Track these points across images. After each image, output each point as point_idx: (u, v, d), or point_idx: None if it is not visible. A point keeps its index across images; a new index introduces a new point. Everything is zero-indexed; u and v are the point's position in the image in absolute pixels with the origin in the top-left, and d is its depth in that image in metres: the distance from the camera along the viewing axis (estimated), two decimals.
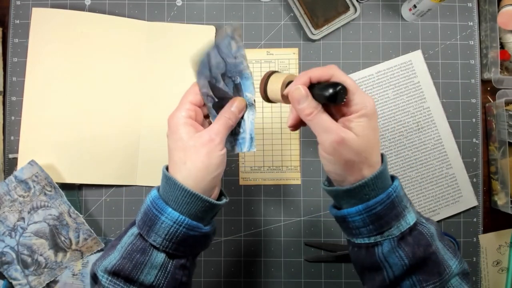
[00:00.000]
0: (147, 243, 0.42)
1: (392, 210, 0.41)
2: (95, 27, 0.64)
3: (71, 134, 0.64)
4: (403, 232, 0.41)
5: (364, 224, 0.42)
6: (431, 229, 0.43)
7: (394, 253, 0.41)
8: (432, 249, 0.42)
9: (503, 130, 0.63)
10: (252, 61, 0.66)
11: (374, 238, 0.42)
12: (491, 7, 0.64)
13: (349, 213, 0.42)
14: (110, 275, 0.41)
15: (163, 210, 0.41)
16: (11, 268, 0.61)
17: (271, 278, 0.64)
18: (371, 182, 0.41)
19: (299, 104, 0.41)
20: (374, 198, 0.41)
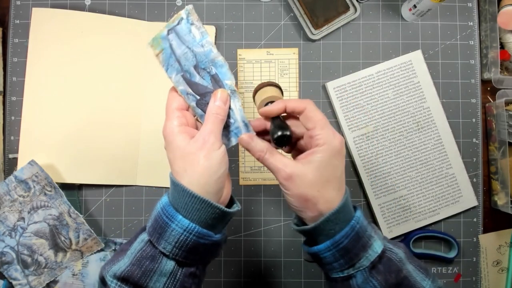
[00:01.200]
0: (156, 250, 0.41)
1: (358, 241, 0.42)
2: (95, 27, 0.64)
3: (71, 134, 0.64)
4: (373, 261, 0.42)
5: (335, 259, 0.43)
6: (399, 254, 0.44)
7: (368, 284, 0.42)
8: (403, 274, 0.43)
9: (503, 130, 0.63)
10: (252, 61, 0.66)
11: (347, 272, 0.43)
12: (491, 7, 0.64)
13: (319, 249, 0.43)
14: (119, 280, 0.41)
15: (173, 218, 0.41)
16: (11, 268, 0.61)
17: (271, 278, 0.64)
18: (332, 217, 0.42)
19: (248, 149, 0.45)
20: (339, 232, 0.42)
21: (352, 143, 0.65)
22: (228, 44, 0.66)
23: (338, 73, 0.66)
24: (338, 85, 0.65)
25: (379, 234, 0.45)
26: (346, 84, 0.65)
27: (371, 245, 0.43)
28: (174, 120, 0.44)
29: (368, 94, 0.65)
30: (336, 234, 0.42)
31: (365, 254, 0.42)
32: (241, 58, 0.66)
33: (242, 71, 0.66)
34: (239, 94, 0.46)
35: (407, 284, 0.43)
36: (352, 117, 0.65)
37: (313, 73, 0.66)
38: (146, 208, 0.65)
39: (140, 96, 0.65)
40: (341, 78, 0.65)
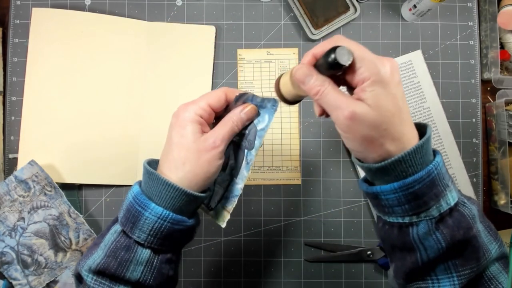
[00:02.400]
0: (131, 240, 0.41)
1: (431, 189, 0.37)
2: (95, 27, 0.64)
3: (71, 134, 0.64)
4: (443, 213, 0.38)
5: (399, 203, 0.38)
6: (473, 210, 0.39)
7: (431, 236, 0.38)
8: (473, 233, 0.38)
9: (503, 130, 0.63)
10: (252, 61, 0.66)
11: (409, 218, 0.38)
12: (491, 7, 0.64)
13: (383, 190, 0.38)
14: (95, 274, 0.40)
15: (146, 206, 0.40)
16: (11, 268, 0.61)
17: (271, 278, 0.64)
18: (408, 157, 0.36)
19: (304, 84, 0.38)
20: (412, 176, 0.36)
21: None
22: (228, 44, 0.66)
23: None
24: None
25: (455, 185, 0.40)
26: None
27: (445, 195, 0.38)
28: (196, 107, 0.42)
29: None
30: (408, 176, 0.37)
31: (436, 204, 0.37)
32: (241, 58, 0.66)
33: (242, 71, 0.66)
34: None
35: (474, 244, 0.38)
36: None
37: None
38: None
39: (140, 96, 0.65)
40: None
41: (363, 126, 0.36)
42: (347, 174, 0.65)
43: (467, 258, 0.38)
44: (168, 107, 0.65)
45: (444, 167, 0.39)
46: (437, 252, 0.38)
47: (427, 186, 0.37)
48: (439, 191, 0.37)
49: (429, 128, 0.38)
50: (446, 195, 0.38)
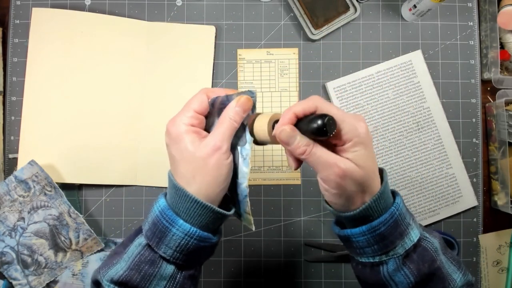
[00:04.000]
0: (156, 255, 0.40)
1: (396, 229, 0.40)
2: (95, 27, 0.64)
3: (71, 134, 0.64)
4: (408, 250, 0.41)
5: (369, 244, 0.41)
6: (435, 243, 0.42)
7: (399, 272, 0.41)
8: (437, 264, 0.41)
9: (503, 130, 0.63)
10: (252, 61, 0.66)
11: (379, 258, 0.41)
12: (491, 7, 0.64)
13: (353, 233, 0.41)
14: (117, 285, 0.40)
15: (174, 222, 0.40)
16: (11, 268, 0.61)
17: (271, 278, 0.64)
18: (373, 204, 0.40)
19: (289, 145, 0.39)
20: (378, 219, 0.40)
21: None
22: (228, 44, 0.66)
23: (338, 73, 0.66)
24: (338, 85, 0.65)
25: (416, 222, 0.43)
26: (346, 84, 0.65)
27: (408, 233, 0.41)
28: (184, 118, 0.41)
29: (368, 94, 0.65)
30: (374, 220, 0.40)
31: (401, 242, 0.41)
32: (241, 58, 0.66)
33: (242, 71, 0.66)
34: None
35: (439, 275, 0.41)
36: None
37: (313, 73, 0.66)
38: (146, 208, 0.65)
39: (140, 96, 0.65)
40: (341, 78, 0.65)
41: (351, 183, 0.38)
42: None
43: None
44: (168, 107, 0.65)
45: (404, 207, 0.42)
46: (407, 286, 0.41)
47: (392, 226, 0.40)
48: (402, 230, 0.41)
49: (385, 173, 0.42)
50: (409, 233, 0.41)
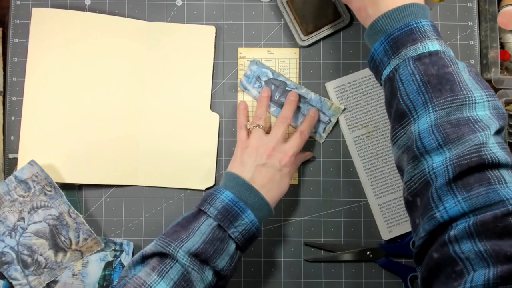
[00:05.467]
0: (226, 234, 0.49)
1: (409, 35, 0.43)
2: (95, 27, 0.64)
3: (71, 134, 0.64)
4: (421, 54, 0.42)
5: (385, 52, 0.45)
6: (459, 63, 0.43)
7: (407, 70, 0.42)
8: (449, 70, 0.41)
9: None
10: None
11: (393, 63, 0.44)
12: (491, 7, 0.64)
13: (375, 48, 0.46)
14: (191, 256, 0.47)
15: (244, 210, 0.50)
16: (11, 268, 0.61)
17: (271, 278, 0.64)
18: (390, 13, 0.45)
19: None
20: (393, 27, 0.44)
21: (352, 143, 0.65)
22: (228, 44, 0.66)
23: (338, 73, 0.66)
24: (338, 85, 0.65)
25: (444, 46, 0.44)
26: (346, 84, 0.65)
27: (423, 42, 0.43)
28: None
29: (368, 94, 0.65)
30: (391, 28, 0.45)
31: (413, 45, 0.43)
32: (242, 57, 0.66)
33: (242, 69, 0.66)
34: None
35: (449, 78, 0.40)
36: (352, 117, 0.65)
37: (313, 73, 0.66)
38: (146, 208, 0.65)
39: (140, 95, 0.65)
40: (341, 78, 0.65)
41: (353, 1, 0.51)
42: (347, 174, 0.65)
43: (442, 89, 0.40)
44: (168, 106, 0.65)
45: (431, 29, 0.44)
46: (413, 85, 0.42)
47: (405, 33, 0.44)
48: (417, 37, 0.43)
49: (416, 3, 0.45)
50: (425, 42, 0.43)
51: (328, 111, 0.63)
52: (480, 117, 0.39)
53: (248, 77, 0.64)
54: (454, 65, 0.42)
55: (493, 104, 0.40)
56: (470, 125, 0.38)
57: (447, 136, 0.38)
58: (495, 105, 0.41)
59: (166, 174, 0.64)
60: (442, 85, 0.40)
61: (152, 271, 0.45)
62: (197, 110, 0.65)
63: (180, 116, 0.65)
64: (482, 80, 0.42)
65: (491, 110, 0.40)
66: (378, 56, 0.46)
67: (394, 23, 0.45)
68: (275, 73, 0.64)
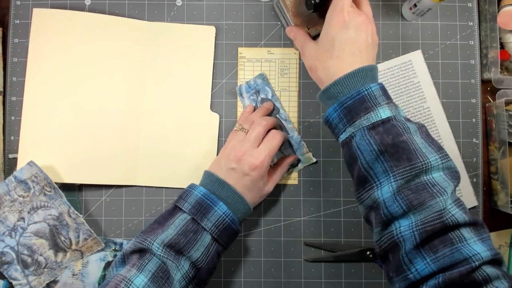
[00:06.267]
0: (199, 226, 0.51)
1: (362, 104, 0.46)
2: (95, 27, 0.64)
3: (71, 134, 0.64)
4: (374, 123, 0.45)
5: (340, 120, 0.48)
6: (410, 127, 0.46)
7: (364, 140, 0.45)
8: (403, 139, 0.44)
9: (503, 130, 0.63)
10: (252, 60, 0.66)
11: (348, 131, 0.47)
12: (491, 7, 0.64)
13: (329, 113, 0.49)
14: (166, 247, 0.49)
15: (216, 203, 0.52)
16: (11, 268, 0.61)
17: (271, 278, 0.64)
18: (341, 80, 0.47)
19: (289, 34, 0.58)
20: (345, 95, 0.47)
21: None
22: (228, 44, 0.66)
23: None
24: None
25: (394, 109, 0.47)
26: None
27: (375, 110, 0.46)
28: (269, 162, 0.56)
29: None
30: (343, 96, 0.47)
31: (366, 114, 0.46)
32: (242, 57, 0.66)
33: (242, 69, 0.66)
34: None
35: (404, 147, 0.44)
36: None
37: None
38: (146, 208, 0.65)
39: (140, 96, 0.65)
40: None
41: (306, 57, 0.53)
42: (347, 174, 0.65)
43: (399, 159, 0.44)
44: (168, 106, 0.65)
45: (382, 96, 0.47)
46: (371, 154, 0.45)
47: (357, 101, 0.46)
48: (369, 106, 0.46)
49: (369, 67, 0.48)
50: (376, 109, 0.46)
51: (300, 156, 0.64)
52: (436, 180, 0.43)
53: (250, 86, 0.64)
54: (406, 132, 0.45)
55: (446, 165, 0.45)
56: (428, 190, 0.42)
57: (410, 202, 0.42)
58: (448, 165, 0.45)
59: (166, 174, 0.64)
60: (399, 154, 0.44)
61: (132, 267, 0.48)
62: (197, 110, 0.65)
63: (180, 116, 0.65)
64: (434, 141, 0.46)
65: (445, 171, 0.44)
66: (334, 121, 0.49)
67: (345, 90, 0.47)
68: (274, 97, 0.65)
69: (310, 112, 0.66)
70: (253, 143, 0.56)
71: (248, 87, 0.65)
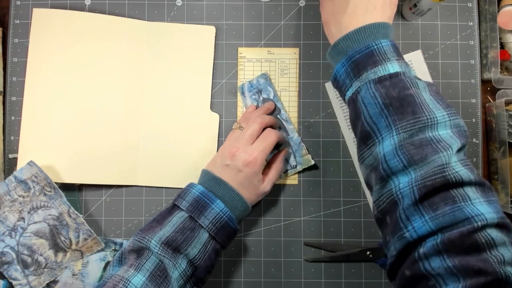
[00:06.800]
0: (196, 223, 0.51)
1: (370, 58, 0.45)
2: (95, 27, 0.64)
3: (71, 134, 0.64)
4: (381, 77, 0.44)
5: (347, 74, 0.46)
6: (419, 83, 0.44)
7: (368, 93, 0.44)
8: (410, 92, 0.42)
9: (503, 130, 0.63)
10: (252, 60, 0.66)
11: (355, 85, 0.46)
12: (491, 7, 0.64)
13: (337, 69, 0.48)
14: (163, 244, 0.49)
15: (213, 200, 0.52)
16: (11, 268, 0.61)
17: (271, 278, 0.64)
18: (351, 34, 0.46)
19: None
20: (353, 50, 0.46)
21: (352, 143, 0.65)
22: (228, 44, 0.66)
23: None
24: None
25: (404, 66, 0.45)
26: None
27: (383, 64, 0.44)
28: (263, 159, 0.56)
29: None
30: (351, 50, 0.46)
31: (373, 68, 0.44)
32: (242, 57, 0.66)
33: (242, 69, 0.66)
34: None
35: (410, 100, 0.42)
36: None
37: (313, 73, 0.66)
38: (146, 208, 0.65)
39: (140, 96, 0.65)
40: None
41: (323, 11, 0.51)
42: (347, 174, 0.65)
43: (403, 112, 0.42)
44: (168, 106, 0.65)
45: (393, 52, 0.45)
46: (375, 107, 0.43)
47: (365, 55, 0.45)
48: (377, 60, 0.44)
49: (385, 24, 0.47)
50: (385, 64, 0.44)
51: (299, 158, 0.64)
52: (442, 137, 0.40)
53: (252, 85, 0.64)
54: (414, 87, 0.43)
55: (454, 122, 0.42)
56: (432, 145, 0.40)
57: (411, 157, 0.40)
58: (456, 123, 0.42)
59: (166, 174, 0.64)
60: (403, 107, 0.42)
61: (130, 267, 0.48)
62: (197, 110, 0.65)
63: (180, 116, 0.65)
64: (443, 99, 0.44)
65: (453, 129, 0.42)
66: (341, 78, 0.48)
67: (355, 45, 0.46)
68: (276, 97, 0.64)
69: (310, 112, 0.66)
70: (247, 140, 0.56)
71: (251, 86, 0.65)
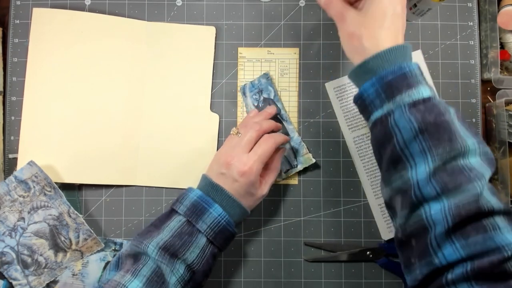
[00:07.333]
0: (194, 228, 0.51)
1: (403, 80, 0.43)
2: (95, 27, 0.64)
3: (71, 134, 0.64)
4: (416, 100, 0.43)
5: (377, 95, 0.44)
6: (450, 109, 0.44)
7: (403, 117, 0.42)
8: (445, 118, 0.42)
9: (503, 130, 0.63)
10: (252, 60, 0.66)
11: (387, 108, 0.44)
12: (491, 7, 0.64)
13: (364, 88, 0.45)
14: (160, 249, 0.49)
15: (211, 205, 0.51)
16: (11, 268, 0.61)
17: (271, 278, 0.64)
18: (383, 53, 0.44)
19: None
20: (386, 70, 0.44)
21: (352, 143, 0.65)
22: (228, 44, 0.66)
23: (338, 73, 0.66)
24: (338, 85, 0.65)
25: (431, 90, 0.45)
26: (346, 84, 0.65)
27: (417, 87, 0.43)
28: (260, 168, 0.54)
29: None
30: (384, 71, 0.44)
31: (408, 91, 0.43)
32: (242, 57, 0.66)
33: (242, 69, 0.66)
34: None
35: (446, 127, 0.42)
36: (352, 117, 0.65)
37: (313, 73, 0.66)
38: (146, 208, 0.65)
39: (140, 96, 0.65)
40: (341, 78, 0.65)
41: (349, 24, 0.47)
42: (347, 174, 0.65)
43: (440, 139, 0.41)
44: (168, 106, 0.65)
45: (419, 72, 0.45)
46: (410, 132, 0.42)
47: (399, 77, 0.43)
48: (410, 82, 0.43)
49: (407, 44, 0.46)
50: (418, 87, 0.43)
51: (300, 157, 0.63)
52: (473, 165, 0.41)
53: (254, 85, 0.64)
54: (448, 113, 0.43)
55: (483, 150, 0.43)
56: (465, 174, 0.40)
57: (445, 185, 0.40)
58: (485, 151, 0.43)
59: (166, 174, 0.64)
60: (439, 134, 0.42)
61: (126, 273, 0.47)
62: (197, 110, 0.65)
63: (180, 116, 0.65)
64: (470, 126, 0.45)
65: (482, 157, 0.42)
66: (369, 97, 0.46)
67: (386, 65, 0.44)
68: (276, 97, 0.64)
69: (310, 112, 0.66)
70: (244, 148, 0.54)
71: (252, 87, 0.64)
